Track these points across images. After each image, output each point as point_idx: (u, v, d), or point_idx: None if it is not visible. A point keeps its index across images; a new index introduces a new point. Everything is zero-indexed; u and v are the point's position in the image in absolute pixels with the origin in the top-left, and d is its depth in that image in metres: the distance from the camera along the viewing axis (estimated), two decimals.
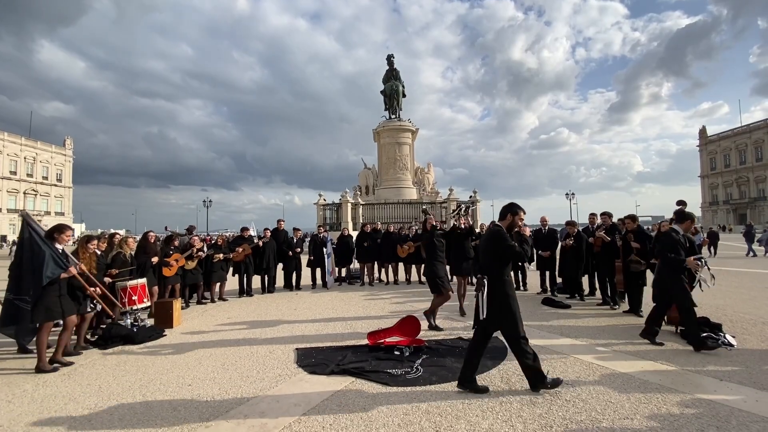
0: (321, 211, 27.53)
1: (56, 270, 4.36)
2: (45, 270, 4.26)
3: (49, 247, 4.41)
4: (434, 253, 5.97)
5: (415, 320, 5.13)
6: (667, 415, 3.02)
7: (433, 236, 6.07)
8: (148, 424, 3.04)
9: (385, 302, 7.93)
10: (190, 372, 4.17)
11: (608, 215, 7.44)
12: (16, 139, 54.84)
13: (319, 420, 3.05)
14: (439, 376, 3.88)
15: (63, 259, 4.49)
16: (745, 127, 60.93)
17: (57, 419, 3.16)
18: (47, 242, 4.44)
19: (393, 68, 31.52)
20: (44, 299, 4.30)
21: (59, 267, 4.39)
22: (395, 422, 2.99)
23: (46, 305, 4.30)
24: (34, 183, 56.59)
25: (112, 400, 3.51)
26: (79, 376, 4.15)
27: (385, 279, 10.60)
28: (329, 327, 6.00)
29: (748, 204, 58.07)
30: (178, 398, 3.51)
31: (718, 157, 64.76)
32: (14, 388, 3.83)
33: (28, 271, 4.35)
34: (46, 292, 4.31)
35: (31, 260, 4.35)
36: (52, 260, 4.36)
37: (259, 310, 7.46)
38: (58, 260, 4.41)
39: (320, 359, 4.43)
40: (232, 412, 3.21)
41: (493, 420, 3.00)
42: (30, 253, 4.38)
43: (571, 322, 6.07)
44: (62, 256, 4.52)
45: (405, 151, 29.71)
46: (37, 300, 4.28)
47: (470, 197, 27.59)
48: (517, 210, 3.67)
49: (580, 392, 3.46)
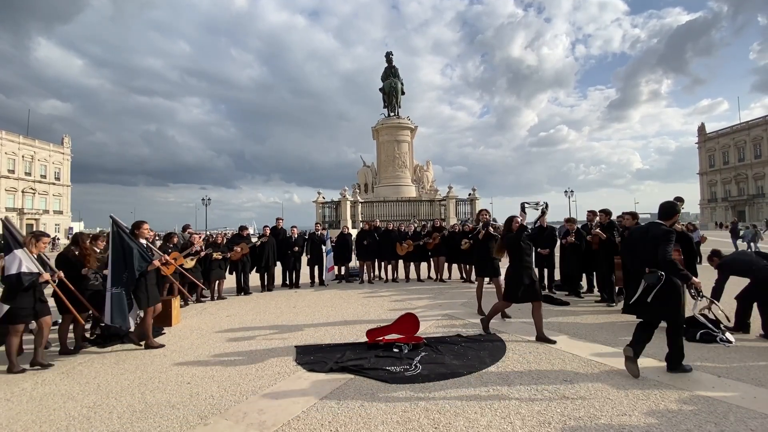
0: (320, 209, 27.51)
1: (143, 263, 4.92)
2: (135, 264, 4.83)
3: (136, 242, 4.97)
4: (521, 258, 5.09)
5: (414, 318, 5.13)
6: (665, 412, 3.03)
7: (520, 238, 5.17)
8: (147, 422, 3.04)
9: (384, 300, 7.94)
10: (189, 370, 4.17)
11: (606, 212, 7.45)
12: (14, 137, 54.58)
13: (317, 417, 3.05)
14: (437, 373, 3.88)
15: (147, 253, 5.08)
16: (744, 124, 60.92)
17: (56, 417, 3.16)
18: (133, 238, 4.99)
19: (392, 66, 31.42)
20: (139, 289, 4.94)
21: (145, 260, 4.96)
22: (394, 419, 3.00)
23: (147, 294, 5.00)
24: (32, 181, 56.37)
25: (111, 398, 3.51)
26: (78, 374, 4.14)
27: (384, 277, 10.61)
28: (328, 325, 6.00)
29: (746, 201, 58.14)
30: (176, 396, 3.51)
31: (716, 154, 64.78)
32: (13, 386, 3.82)
33: (121, 265, 4.82)
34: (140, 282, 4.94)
35: (123, 255, 4.83)
36: (139, 255, 4.91)
37: (258, 308, 7.46)
38: (143, 254, 4.97)
39: (319, 357, 4.43)
40: (230, 410, 3.21)
41: (491, 417, 3.01)
42: (120, 249, 4.85)
43: (569, 319, 6.08)
44: (146, 250, 5.11)
45: (404, 149, 29.66)
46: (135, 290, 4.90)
47: (469, 195, 27.58)
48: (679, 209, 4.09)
49: (578, 389, 3.46)
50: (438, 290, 8.92)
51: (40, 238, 4.65)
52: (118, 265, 4.82)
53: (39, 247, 4.58)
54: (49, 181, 59.35)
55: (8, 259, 4.28)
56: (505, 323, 5.86)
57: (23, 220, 54.19)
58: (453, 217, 25.17)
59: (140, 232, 5.23)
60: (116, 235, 4.91)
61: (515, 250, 5.15)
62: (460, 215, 26.32)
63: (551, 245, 8.54)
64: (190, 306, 7.72)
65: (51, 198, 59.70)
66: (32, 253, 4.42)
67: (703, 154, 67.23)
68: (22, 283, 4.23)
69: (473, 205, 27.10)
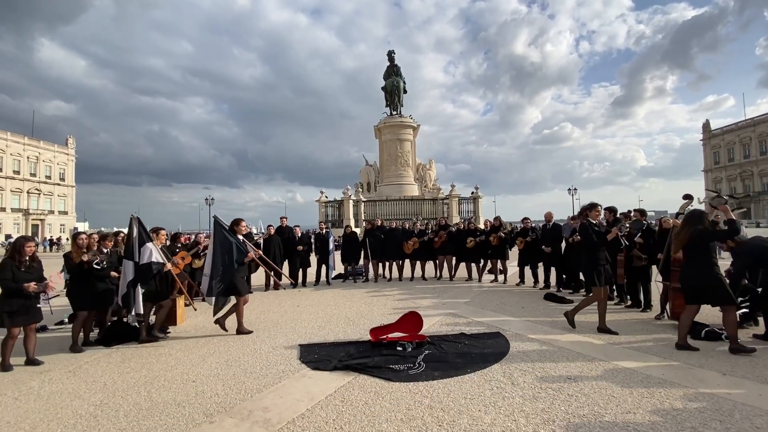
0: (323, 209, 27.58)
1: (240, 256, 5.47)
2: (234, 256, 5.39)
3: (234, 238, 5.53)
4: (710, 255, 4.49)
5: (418, 316, 5.14)
6: (670, 410, 3.02)
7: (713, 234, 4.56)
8: (153, 421, 3.07)
9: (388, 299, 7.95)
10: (194, 369, 4.19)
11: (611, 210, 7.40)
12: (19, 138, 54.98)
13: (322, 416, 3.07)
14: (441, 371, 3.89)
15: (243, 247, 5.58)
16: (749, 120, 60.41)
17: (63, 416, 3.19)
18: (232, 234, 5.56)
19: (394, 64, 31.42)
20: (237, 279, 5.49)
21: (242, 253, 5.49)
22: (398, 417, 3.01)
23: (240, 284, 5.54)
24: (37, 182, 56.77)
25: (117, 396, 3.54)
26: (84, 373, 4.18)
27: (388, 276, 10.62)
28: (332, 323, 6.02)
29: (752, 198, 57.70)
30: (182, 394, 3.53)
31: (721, 151, 64.28)
32: (20, 385, 3.86)
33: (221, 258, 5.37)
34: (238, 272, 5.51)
35: (222, 250, 5.39)
36: (236, 248, 5.44)
37: (262, 306, 7.49)
38: (240, 248, 5.51)
39: (323, 355, 4.45)
40: (236, 408, 3.23)
41: (495, 415, 3.01)
42: (221, 244, 5.42)
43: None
44: (242, 244, 5.61)
45: (406, 148, 29.66)
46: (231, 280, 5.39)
47: (472, 193, 27.55)
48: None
49: (582, 387, 3.46)
50: (442, 289, 8.92)
51: (159, 232, 5.58)
52: (217, 258, 5.39)
53: (240, 230, 5.71)
54: (53, 182, 59.75)
55: (142, 250, 5.09)
56: (507, 321, 5.84)
57: (28, 220, 54.61)
58: (456, 215, 25.14)
59: (238, 228, 5.78)
60: (218, 232, 5.50)
61: (704, 248, 4.47)
62: (463, 214, 26.29)
63: (556, 243, 8.53)
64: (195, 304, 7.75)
65: (56, 198, 60.12)
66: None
67: (708, 151, 66.76)
68: (152, 271, 5.09)
69: (476, 203, 27.08)
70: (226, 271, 5.38)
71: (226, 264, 5.39)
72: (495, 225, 9.66)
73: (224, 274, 5.36)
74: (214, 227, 5.61)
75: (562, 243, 8.65)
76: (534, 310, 6.60)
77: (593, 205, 5.46)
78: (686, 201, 5.70)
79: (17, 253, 4.39)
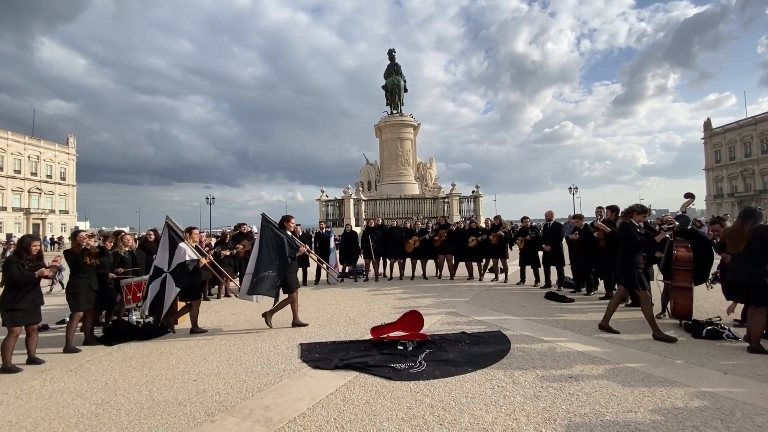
0: (323, 207, 27.55)
1: (292, 251, 5.67)
2: (287, 251, 5.58)
3: (285, 234, 5.72)
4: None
5: (419, 315, 5.14)
6: (671, 408, 3.02)
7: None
8: (155, 419, 3.07)
9: (389, 297, 7.95)
10: (196, 367, 4.20)
11: (612, 209, 7.39)
12: (19, 137, 54.98)
13: (323, 414, 3.07)
14: (442, 370, 3.89)
15: (294, 243, 5.77)
16: (750, 119, 60.20)
17: (65, 414, 3.20)
18: (282, 231, 5.75)
19: (394, 63, 31.35)
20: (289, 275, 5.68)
21: (293, 248, 5.69)
22: (399, 416, 3.01)
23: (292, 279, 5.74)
24: (38, 181, 56.78)
25: (119, 395, 3.54)
26: (86, 372, 4.19)
27: (389, 275, 10.62)
28: (333, 322, 6.03)
29: (753, 197, 57.51)
30: (183, 393, 3.54)
31: (723, 149, 64.08)
32: (22, 384, 3.87)
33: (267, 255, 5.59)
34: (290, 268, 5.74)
35: (274, 246, 5.60)
36: (288, 244, 5.63)
37: (263, 306, 7.47)
38: (292, 243, 5.71)
39: (324, 354, 4.45)
40: (237, 407, 3.24)
41: (496, 413, 3.01)
42: (271, 241, 5.64)
43: (575, 316, 6.07)
44: (292, 240, 5.80)
45: (407, 147, 29.62)
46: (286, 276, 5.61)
47: (472, 192, 27.51)
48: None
49: (583, 386, 3.46)
50: (443, 288, 8.92)
51: (192, 232, 5.86)
52: (264, 255, 5.59)
53: (193, 238, 5.77)
54: (54, 181, 59.76)
55: (177, 251, 5.43)
56: (508, 320, 5.84)
57: (29, 220, 54.67)
58: (456, 214, 25.12)
59: (288, 225, 5.97)
60: (266, 228, 5.70)
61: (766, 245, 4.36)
62: (464, 213, 26.27)
63: (556, 242, 8.52)
64: None
65: (57, 198, 60.15)
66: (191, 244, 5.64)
67: (709, 149, 66.56)
68: (188, 269, 5.37)
69: (477, 202, 27.07)
70: (281, 267, 5.58)
71: (280, 259, 5.58)
72: (495, 224, 9.65)
73: (279, 269, 5.57)
74: (262, 225, 5.77)
75: (562, 242, 8.64)
76: (535, 309, 6.60)
77: (643, 209, 5.29)
78: (688, 200, 5.68)
79: (24, 251, 4.41)
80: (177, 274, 5.39)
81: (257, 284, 5.50)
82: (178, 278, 5.39)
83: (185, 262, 5.39)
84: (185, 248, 5.49)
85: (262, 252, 5.61)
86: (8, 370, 4.17)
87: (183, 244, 5.52)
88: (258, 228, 6.11)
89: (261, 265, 5.55)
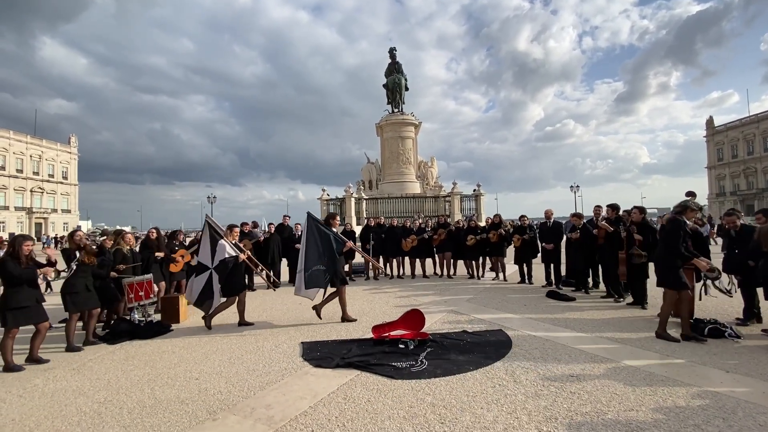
0: (324, 206, 27.54)
1: (339, 246, 5.93)
2: (334, 246, 5.85)
3: (331, 231, 5.99)
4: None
5: (420, 314, 5.15)
6: (673, 407, 3.01)
7: None
8: (157, 417, 3.08)
9: (389, 296, 7.95)
10: (197, 366, 4.21)
11: (613, 207, 7.37)
12: (21, 137, 55.12)
13: (324, 413, 3.08)
14: (443, 369, 3.89)
15: (341, 238, 6.05)
16: (753, 116, 59.96)
17: (67, 413, 3.21)
18: (328, 227, 6.03)
19: (395, 61, 31.31)
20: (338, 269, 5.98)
21: (340, 244, 5.95)
22: (400, 415, 3.01)
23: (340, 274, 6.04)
24: (40, 181, 56.94)
25: (121, 394, 3.55)
26: (89, 370, 4.20)
27: (389, 273, 10.62)
28: (334, 321, 6.04)
29: (755, 195, 57.33)
30: (185, 392, 3.55)
31: (725, 147, 63.86)
32: (25, 382, 3.89)
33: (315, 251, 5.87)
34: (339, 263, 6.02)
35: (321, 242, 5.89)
36: (335, 240, 5.90)
37: (264, 304, 7.51)
38: (338, 239, 5.96)
39: (325, 353, 4.46)
40: (239, 405, 3.25)
41: (497, 412, 3.01)
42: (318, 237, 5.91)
43: (575, 314, 6.06)
44: (338, 236, 6.04)
45: (408, 145, 29.60)
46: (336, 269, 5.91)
47: (474, 191, 27.49)
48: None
49: (585, 384, 3.46)
50: (443, 286, 8.92)
51: (233, 229, 6.13)
52: (312, 251, 5.88)
53: (233, 236, 6.05)
54: (56, 181, 59.92)
55: (218, 248, 5.73)
56: (509, 319, 5.84)
57: (32, 219, 54.84)
58: (458, 213, 25.11)
59: (333, 222, 6.22)
60: (312, 226, 5.98)
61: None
62: (465, 211, 26.25)
63: (557, 240, 8.51)
64: None
65: (59, 197, 60.30)
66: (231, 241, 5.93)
67: (712, 147, 66.33)
68: (228, 266, 5.68)
69: (478, 201, 27.03)
70: (330, 262, 5.83)
71: (329, 255, 5.85)
72: (495, 222, 9.65)
73: (328, 264, 5.82)
74: (308, 222, 6.05)
75: (562, 240, 8.63)
76: (536, 307, 6.59)
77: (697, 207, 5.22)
78: (689, 198, 5.67)
79: (17, 252, 4.40)
80: (220, 270, 5.71)
81: (309, 279, 5.79)
82: (221, 274, 5.71)
83: (225, 258, 5.67)
84: (225, 245, 5.75)
85: (309, 248, 5.89)
86: (10, 369, 4.19)
87: (222, 241, 5.80)
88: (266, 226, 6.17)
89: (309, 260, 5.83)
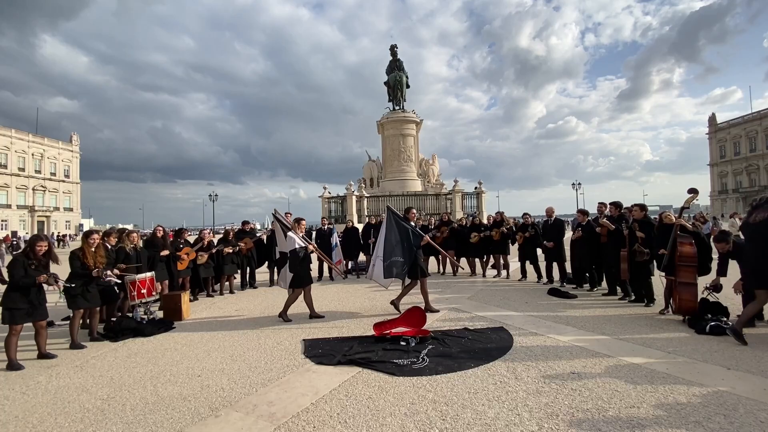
0: (326, 204, 27.52)
1: (417, 240, 6.22)
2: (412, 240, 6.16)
3: (409, 225, 6.30)
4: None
5: (421, 311, 5.15)
6: (674, 404, 3.01)
7: None
8: (160, 414, 3.10)
9: (390, 294, 7.93)
10: (200, 363, 4.23)
11: (616, 205, 7.35)
12: (23, 135, 55.24)
13: (326, 409, 3.09)
14: (445, 365, 3.90)
15: (418, 232, 6.36)
16: (755, 113, 59.69)
17: (71, 410, 3.23)
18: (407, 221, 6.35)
19: (396, 58, 31.18)
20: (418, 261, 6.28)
21: (418, 237, 6.25)
22: (402, 411, 3.02)
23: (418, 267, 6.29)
24: (42, 179, 57.11)
25: (124, 390, 3.57)
26: (92, 367, 4.23)
27: None
28: (335, 318, 6.05)
29: (758, 192, 57.08)
30: (188, 389, 3.57)
31: (727, 144, 63.61)
32: (28, 380, 3.91)
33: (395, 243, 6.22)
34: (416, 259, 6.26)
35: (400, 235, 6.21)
36: (413, 233, 6.21)
37: (267, 302, 7.53)
38: (416, 233, 6.28)
39: (327, 350, 4.47)
40: (241, 402, 3.26)
41: (499, 409, 3.02)
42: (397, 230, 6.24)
43: (577, 312, 6.06)
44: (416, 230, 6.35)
45: (409, 143, 29.53)
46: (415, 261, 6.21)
47: (475, 188, 27.44)
48: None
49: (586, 381, 3.46)
50: (445, 284, 8.92)
51: (301, 222, 6.40)
52: (390, 242, 6.25)
53: (300, 228, 6.34)
54: (58, 179, 60.09)
55: (288, 239, 6.05)
56: (511, 316, 5.84)
57: (34, 217, 55.03)
58: (459, 210, 25.07)
59: (410, 216, 6.57)
60: (391, 219, 6.37)
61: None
62: (467, 209, 26.21)
63: (558, 238, 8.50)
64: (200, 300, 7.82)
65: (61, 195, 60.49)
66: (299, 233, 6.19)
67: (714, 144, 66.06)
68: (299, 256, 5.95)
69: (479, 198, 26.99)
70: (409, 254, 6.13)
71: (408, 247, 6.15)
72: (497, 220, 9.64)
73: (406, 256, 6.12)
74: (388, 216, 6.48)
75: (564, 238, 8.62)
76: (537, 305, 6.59)
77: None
78: (691, 195, 5.65)
79: (31, 251, 4.44)
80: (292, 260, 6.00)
81: (389, 268, 6.16)
82: (291, 264, 5.99)
83: (296, 249, 5.94)
84: (294, 237, 6.03)
85: (388, 240, 6.25)
86: (13, 367, 4.20)
87: (291, 233, 6.09)
88: (260, 225, 6.25)
89: (388, 251, 6.20)
